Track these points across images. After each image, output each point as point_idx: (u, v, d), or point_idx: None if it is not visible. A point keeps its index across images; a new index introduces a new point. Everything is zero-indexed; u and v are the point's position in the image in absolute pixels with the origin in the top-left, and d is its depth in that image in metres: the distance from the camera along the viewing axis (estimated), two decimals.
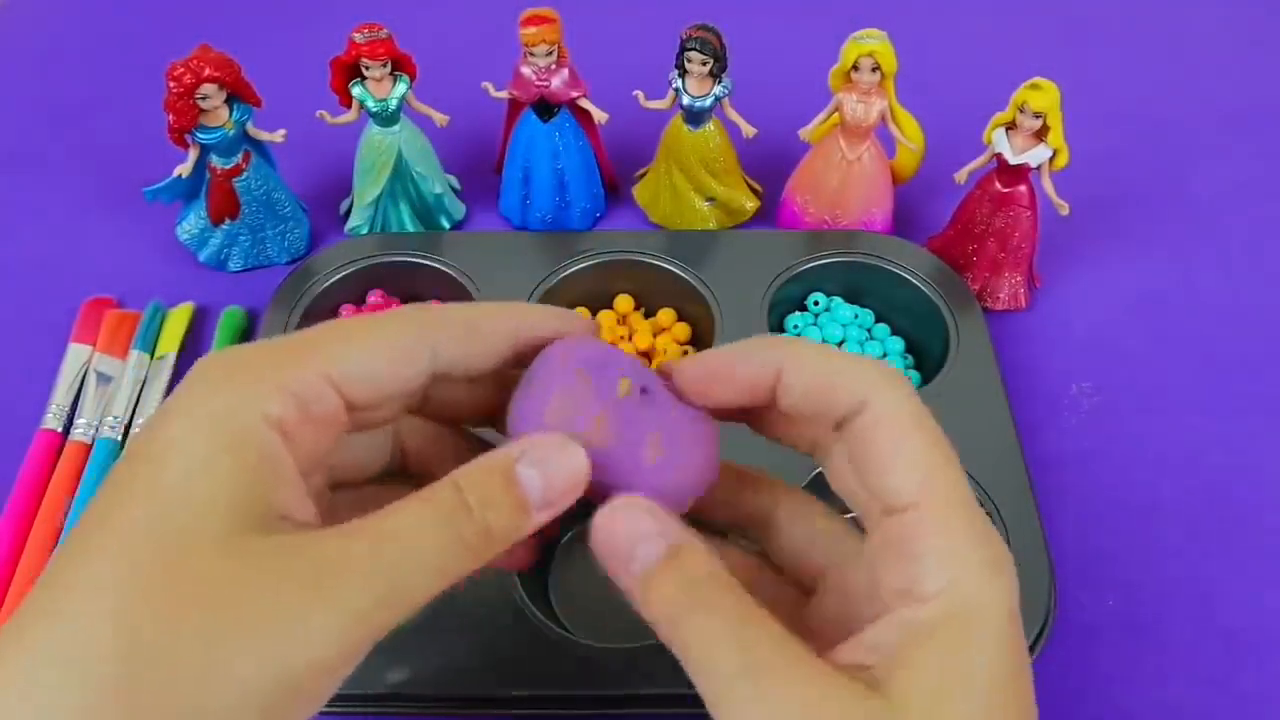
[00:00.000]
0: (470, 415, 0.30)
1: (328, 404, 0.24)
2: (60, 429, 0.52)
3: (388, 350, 0.25)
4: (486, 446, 0.28)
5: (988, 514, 0.45)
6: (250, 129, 0.56)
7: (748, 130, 0.58)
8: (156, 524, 0.21)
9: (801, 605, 0.28)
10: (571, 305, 0.57)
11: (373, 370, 0.25)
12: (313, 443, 0.24)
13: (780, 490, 0.29)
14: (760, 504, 0.29)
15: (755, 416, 0.28)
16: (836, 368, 0.25)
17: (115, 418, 0.51)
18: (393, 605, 0.23)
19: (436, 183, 0.60)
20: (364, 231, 0.60)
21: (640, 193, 0.63)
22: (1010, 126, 0.53)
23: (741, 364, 0.26)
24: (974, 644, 0.22)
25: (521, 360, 0.27)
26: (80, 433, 0.51)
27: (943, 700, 0.22)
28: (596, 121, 0.58)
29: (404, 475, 0.30)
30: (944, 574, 0.23)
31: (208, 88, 0.52)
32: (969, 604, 0.22)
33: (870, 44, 0.53)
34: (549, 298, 0.55)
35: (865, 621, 0.24)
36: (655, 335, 0.55)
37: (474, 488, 0.24)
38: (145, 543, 0.21)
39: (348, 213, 0.62)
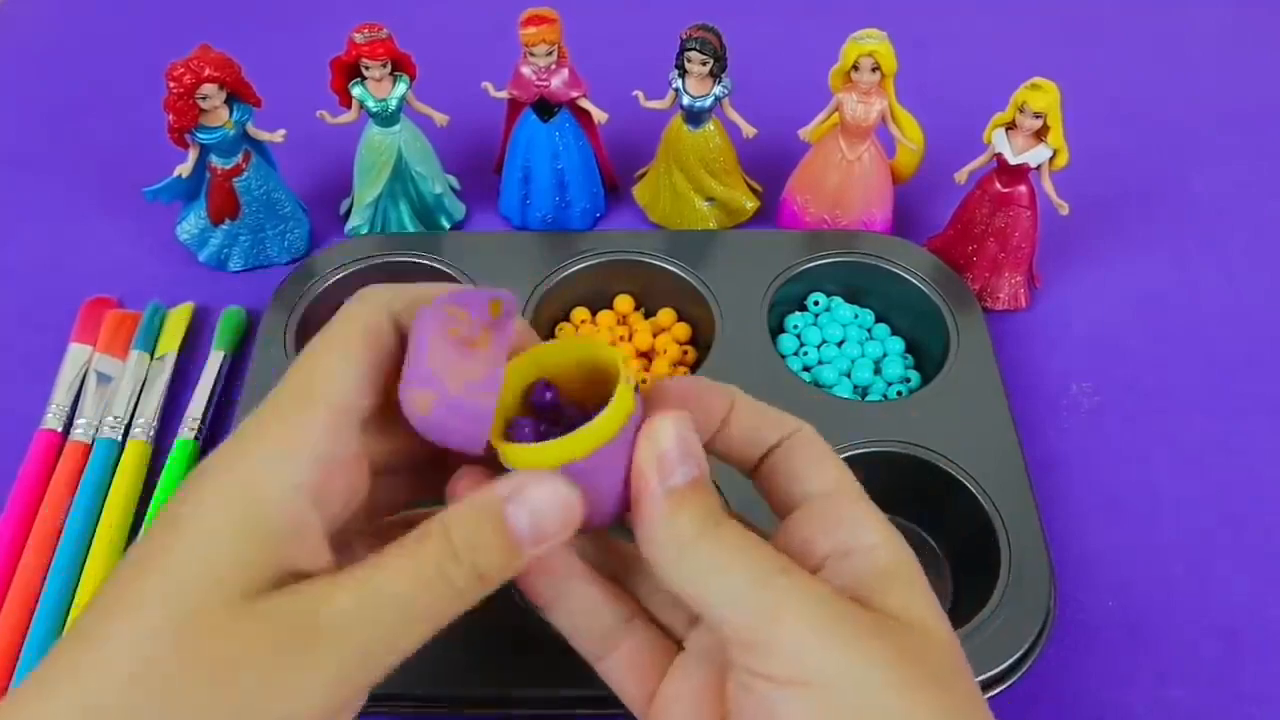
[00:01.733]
0: None
1: (345, 439, 0.25)
2: (60, 429, 0.52)
3: (369, 356, 0.26)
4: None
5: (987, 515, 0.45)
6: (250, 129, 0.56)
7: (748, 130, 0.58)
8: (172, 592, 0.22)
9: None
10: (571, 305, 0.57)
11: (363, 374, 0.26)
12: (347, 488, 0.25)
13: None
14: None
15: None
16: (770, 413, 0.29)
17: (115, 418, 0.51)
18: (379, 658, 0.23)
19: (436, 183, 0.60)
20: (364, 231, 0.60)
21: (640, 193, 0.63)
22: (1010, 126, 0.53)
23: (705, 392, 0.29)
24: (921, 580, 0.26)
25: None
26: (80, 433, 0.51)
27: (931, 619, 0.25)
28: (596, 121, 0.58)
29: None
30: (876, 533, 0.27)
31: (208, 88, 0.52)
32: (907, 556, 0.27)
33: (870, 44, 0.53)
34: (549, 298, 0.55)
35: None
36: (655, 335, 0.55)
37: (462, 531, 0.24)
38: (159, 611, 0.22)
39: (348, 213, 0.62)
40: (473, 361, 0.24)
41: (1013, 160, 0.53)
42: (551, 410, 0.27)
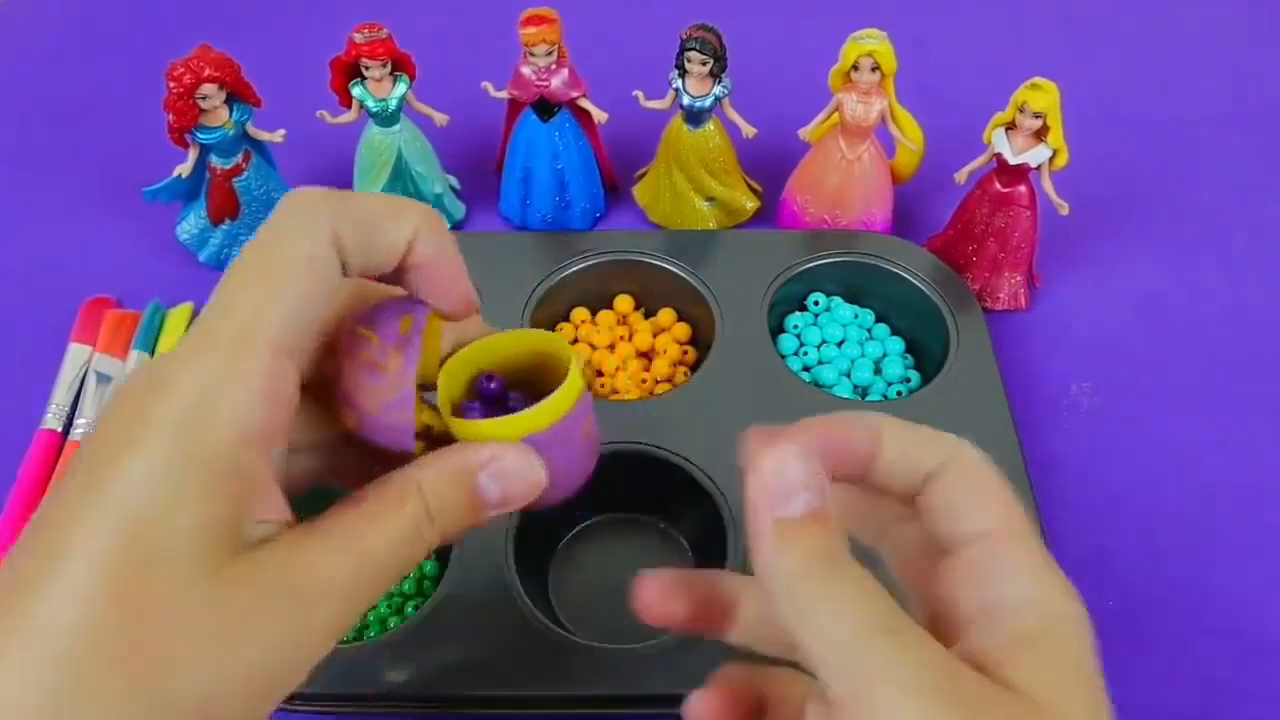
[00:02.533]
0: None
1: (291, 383, 0.24)
2: (60, 429, 0.52)
3: (310, 284, 0.24)
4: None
5: None
6: (250, 129, 0.56)
7: (747, 130, 0.58)
8: (130, 545, 0.21)
9: None
10: (571, 305, 0.57)
11: (309, 315, 0.24)
12: (282, 424, 0.24)
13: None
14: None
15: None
16: (922, 435, 0.26)
17: None
18: (359, 614, 0.24)
19: (436, 183, 0.60)
20: None
21: (640, 193, 0.63)
22: (1010, 126, 0.53)
23: (848, 423, 0.26)
24: (1076, 645, 0.23)
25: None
26: (80, 432, 0.51)
27: (1067, 699, 0.23)
28: (596, 121, 0.58)
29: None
30: (1032, 585, 0.24)
31: (208, 88, 0.52)
32: (1064, 614, 0.24)
33: (870, 44, 0.53)
34: (549, 298, 0.55)
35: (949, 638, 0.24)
36: (655, 335, 0.55)
37: (436, 494, 0.25)
38: (118, 561, 0.21)
39: None
40: (384, 384, 0.25)
41: (1013, 160, 0.53)
42: (496, 398, 0.28)
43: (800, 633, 0.23)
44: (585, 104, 0.58)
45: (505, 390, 0.28)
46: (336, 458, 0.28)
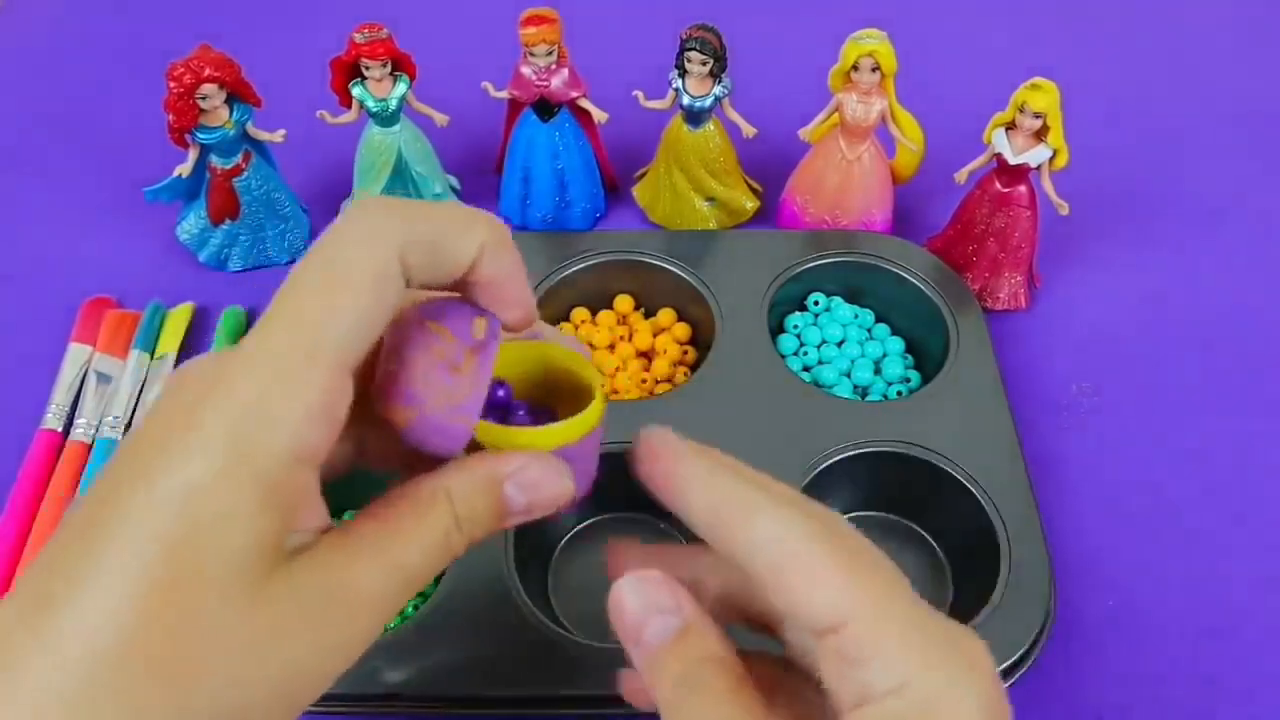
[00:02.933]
0: None
1: (347, 400, 0.23)
2: (60, 429, 0.52)
3: (374, 299, 0.23)
4: None
5: (987, 515, 0.45)
6: (250, 129, 0.56)
7: (748, 130, 0.58)
8: (175, 551, 0.21)
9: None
10: (571, 305, 0.57)
11: (370, 331, 0.24)
12: (334, 438, 0.23)
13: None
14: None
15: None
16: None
17: (115, 417, 0.51)
18: (388, 621, 0.24)
19: (436, 183, 0.60)
20: None
21: (640, 193, 0.63)
22: (1010, 126, 0.53)
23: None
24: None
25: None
26: (80, 432, 0.51)
27: None
28: (596, 121, 0.58)
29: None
30: (893, 675, 0.22)
31: (208, 88, 0.52)
32: (934, 695, 0.22)
33: (870, 44, 0.53)
34: (549, 298, 0.55)
35: None
36: (655, 335, 0.55)
37: (464, 503, 0.25)
38: (163, 567, 0.21)
39: None
40: (456, 385, 0.25)
41: (1013, 160, 0.53)
42: (503, 406, 0.28)
43: None
44: (585, 104, 0.58)
45: (512, 400, 0.28)
46: (366, 443, 0.28)
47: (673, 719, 0.24)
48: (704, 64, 0.54)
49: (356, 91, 0.56)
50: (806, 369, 0.54)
